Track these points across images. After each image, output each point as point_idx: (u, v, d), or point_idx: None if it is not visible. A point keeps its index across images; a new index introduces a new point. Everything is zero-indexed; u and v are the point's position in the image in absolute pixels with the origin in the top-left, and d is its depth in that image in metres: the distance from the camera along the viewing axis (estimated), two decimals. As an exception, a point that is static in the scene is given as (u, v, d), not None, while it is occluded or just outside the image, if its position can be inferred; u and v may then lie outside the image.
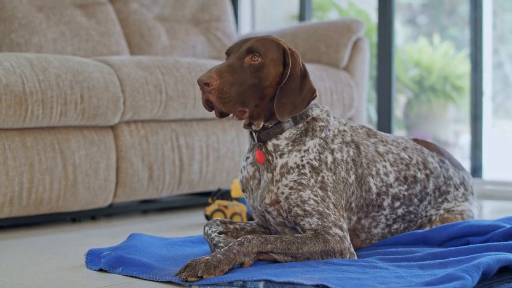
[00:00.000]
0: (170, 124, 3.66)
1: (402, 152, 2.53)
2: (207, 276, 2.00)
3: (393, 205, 2.47)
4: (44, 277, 2.24)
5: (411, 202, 2.51)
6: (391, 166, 2.47)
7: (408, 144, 2.59)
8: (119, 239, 2.75)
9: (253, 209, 2.43)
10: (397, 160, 2.50)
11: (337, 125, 2.42)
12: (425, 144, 2.65)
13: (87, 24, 4.10)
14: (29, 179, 3.13)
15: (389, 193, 2.45)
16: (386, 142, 2.53)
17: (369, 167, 2.42)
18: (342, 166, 2.35)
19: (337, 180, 2.32)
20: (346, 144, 2.39)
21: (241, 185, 2.44)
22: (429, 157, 2.59)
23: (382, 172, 2.45)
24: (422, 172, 2.54)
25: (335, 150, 2.36)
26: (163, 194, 3.67)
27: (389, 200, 2.46)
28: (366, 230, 2.45)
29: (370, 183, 2.41)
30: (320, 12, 7.41)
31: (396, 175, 2.47)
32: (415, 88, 7.53)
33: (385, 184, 2.44)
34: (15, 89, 3.03)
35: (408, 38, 7.74)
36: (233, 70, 2.22)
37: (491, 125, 6.02)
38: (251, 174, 2.39)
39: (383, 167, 2.46)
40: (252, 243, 2.11)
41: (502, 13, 6.76)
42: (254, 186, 2.38)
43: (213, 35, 4.76)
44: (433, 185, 2.57)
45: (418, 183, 2.53)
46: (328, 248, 2.18)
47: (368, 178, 2.41)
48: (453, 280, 1.85)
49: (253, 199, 2.39)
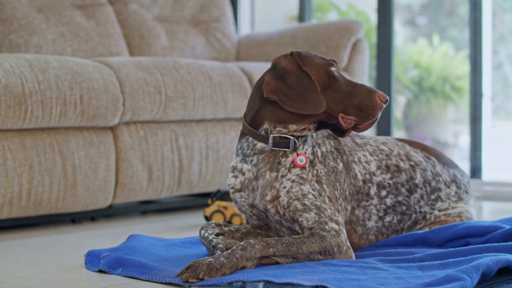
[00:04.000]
0: (170, 125, 3.66)
1: (381, 145, 2.60)
2: (208, 278, 2.00)
3: (380, 194, 2.50)
4: (44, 278, 2.24)
5: (398, 191, 2.54)
6: (371, 155, 2.54)
7: (388, 140, 2.65)
8: (119, 240, 2.75)
9: (251, 208, 2.43)
10: (376, 151, 2.57)
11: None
12: (408, 142, 2.69)
13: (86, 25, 4.10)
14: (29, 180, 3.13)
15: (373, 181, 2.50)
16: (363, 137, 2.60)
17: (352, 154, 2.49)
18: (329, 157, 2.41)
19: (328, 171, 2.38)
20: (326, 137, 2.47)
21: (239, 186, 2.43)
22: (411, 151, 2.65)
23: (363, 160, 2.51)
24: (405, 163, 2.59)
25: (320, 144, 2.43)
26: (162, 195, 3.67)
27: (375, 189, 2.50)
28: (361, 222, 2.48)
29: (355, 169, 2.47)
30: (319, 13, 7.41)
31: (377, 164, 2.53)
32: (414, 89, 7.53)
33: (367, 171, 2.50)
34: (14, 90, 3.03)
35: (407, 39, 7.74)
36: None
37: (491, 126, 6.03)
38: (255, 175, 2.40)
39: (363, 155, 2.52)
40: (255, 248, 2.12)
41: (501, 14, 6.76)
42: (256, 185, 2.39)
43: (212, 36, 4.76)
44: (421, 177, 2.59)
45: (403, 172, 2.56)
46: (325, 244, 2.20)
47: (353, 165, 2.47)
48: (452, 281, 1.85)
49: (254, 197, 2.40)
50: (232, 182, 2.45)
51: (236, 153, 2.45)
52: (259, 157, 2.37)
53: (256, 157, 2.39)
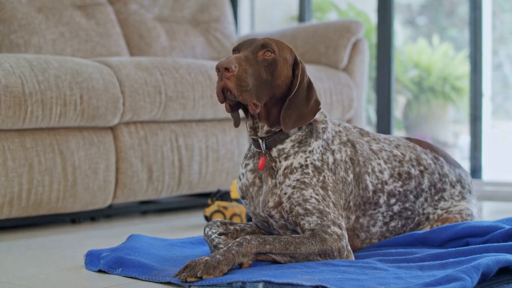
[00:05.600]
0: (170, 125, 3.66)
1: (395, 150, 2.56)
2: (206, 277, 2.00)
3: (389, 202, 2.48)
4: (43, 278, 2.24)
5: (407, 198, 2.53)
6: (385, 163, 2.50)
7: (400, 142, 2.62)
8: (119, 240, 2.75)
9: (254, 216, 2.43)
10: (391, 157, 2.53)
11: (332, 127, 2.44)
12: (418, 142, 2.67)
13: (86, 25, 4.10)
14: (29, 180, 3.13)
15: (385, 190, 2.47)
16: (378, 140, 2.56)
17: (365, 165, 2.45)
18: (341, 166, 2.37)
19: (337, 180, 2.34)
20: (344, 144, 2.42)
21: (240, 192, 2.44)
22: (422, 154, 2.61)
23: (377, 169, 2.47)
24: (416, 169, 2.56)
25: (335, 151, 2.38)
26: (162, 195, 3.67)
27: (385, 197, 2.47)
28: (365, 229, 2.46)
29: (366, 181, 2.43)
30: (319, 13, 7.42)
31: (390, 172, 2.50)
32: (414, 89, 7.53)
33: (380, 181, 2.46)
34: (14, 90, 3.03)
35: (407, 39, 7.74)
36: (249, 62, 2.22)
37: (491, 126, 6.02)
38: (250, 181, 2.39)
39: (378, 164, 2.48)
40: (251, 244, 2.11)
41: (501, 14, 6.76)
42: (254, 193, 2.38)
43: (212, 36, 4.76)
44: (428, 182, 2.58)
45: (412, 179, 2.54)
46: (326, 247, 2.18)
47: (365, 176, 2.43)
48: (452, 281, 1.85)
49: (254, 206, 2.39)
50: (238, 184, 2.45)
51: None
52: (255, 161, 2.38)
53: (251, 161, 2.40)
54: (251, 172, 2.39)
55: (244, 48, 2.27)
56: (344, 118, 4.46)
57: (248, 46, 2.27)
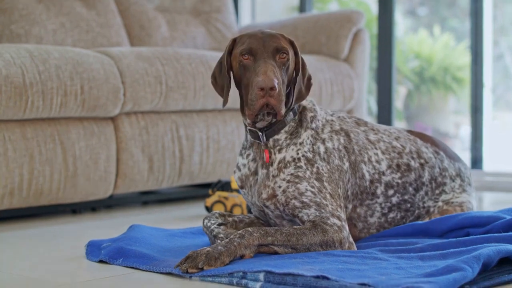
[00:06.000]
0: (170, 116, 3.66)
1: (394, 141, 2.55)
2: (207, 268, 2.01)
3: (387, 193, 2.48)
4: (44, 268, 2.24)
5: (406, 190, 2.52)
6: (383, 154, 2.49)
7: (401, 134, 2.60)
8: (119, 230, 2.75)
9: (252, 205, 2.43)
10: (389, 149, 2.51)
11: (323, 115, 2.44)
12: (419, 136, 2.65)
13: (87, 15, 4.10)
14: (29, 170, 3.13)
15: (382, 181, 2.46)
16: (377, 131, 2.55)
17: (361, 153, 2.44)
18: (335, 155, 2.36)
19: (332, 169, 2.34)
20: (336, 132, 2.41)
21: (239, 182, 2.43)
22: (422, 147, 2.60)
23: (374, 159, 2.46)
24: (416, 161, 2.55)
25: (325, 140, 2.37)
26: (163, 186, 3.67)
27: (382, 188, 2.47)
28: (362, 219, 2.46)
29: (363, 169, 2.43)
30: (320, 3, 7.40)
31: (388, 163, 2.49)
32: (415, 80, 7.52)
33: (377, 171, 2.46)
34: (15, 80, 3.03)
35: (408, 29, 7.73)
36: (278, 72, 2.22)
37: (492, 117, 6.02)
38: (252, 170, 2.39)
39: (375, 154, 2.47)
40: (253, 236, 2.12)
41: (502, 4, 6.74)
42: (253, 182, 2.38)
43: (213, 26, 4.75)
44: (428, 175, 2.57)
45: (412, 172, 2.53)
46: (327, 238, 2.18)
47: (361, 165, 2.43)
48: (453, 271, 1.85)
49: (252, 195, 2.39)
50: (237, 175, 2.45)
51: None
52: (254, 150, 2.38)
53: (251, 151, 2.40)
54: (253, 162, 2.39)
55: (259, 51, 2.24)
56: (345, 109, 4.45)
57: (263, 50, 2.24)
